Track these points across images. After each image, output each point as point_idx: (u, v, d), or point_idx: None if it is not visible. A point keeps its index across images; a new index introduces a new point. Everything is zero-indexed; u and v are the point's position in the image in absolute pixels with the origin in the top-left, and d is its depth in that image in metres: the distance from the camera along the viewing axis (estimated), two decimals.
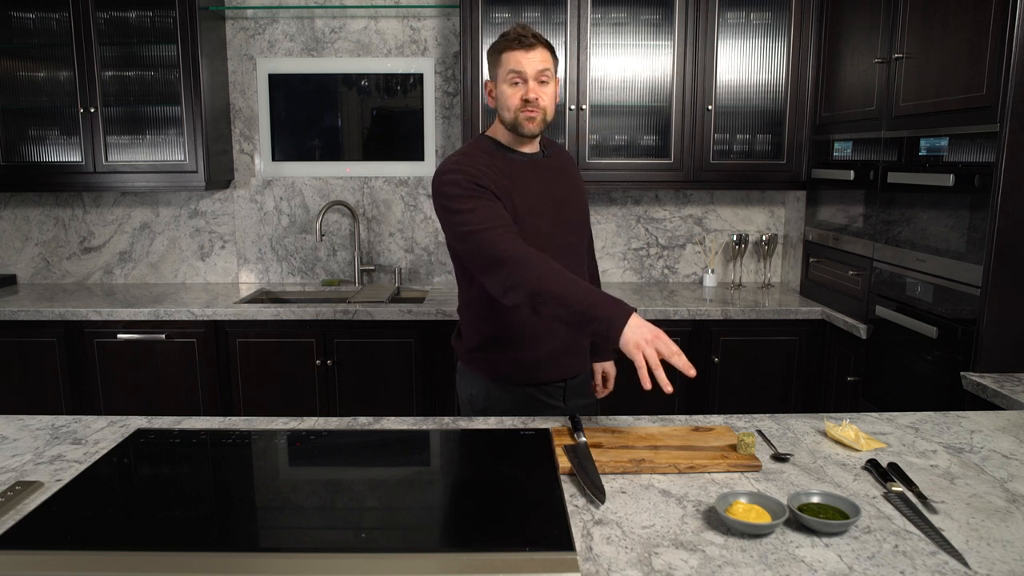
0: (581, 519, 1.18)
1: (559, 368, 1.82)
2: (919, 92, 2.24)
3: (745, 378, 2.92)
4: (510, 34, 1.71)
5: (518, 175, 1.73)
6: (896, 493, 1.24)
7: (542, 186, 1.76)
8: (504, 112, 1.72)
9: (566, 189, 1.83)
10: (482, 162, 1.70)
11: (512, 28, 1.72)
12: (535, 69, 1.69)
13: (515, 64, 1.68)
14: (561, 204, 1.79)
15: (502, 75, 1.71)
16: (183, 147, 3.08)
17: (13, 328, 2.88)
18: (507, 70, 1.69)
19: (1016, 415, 1.67)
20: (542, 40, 1.72)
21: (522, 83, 1.69)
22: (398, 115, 3.36)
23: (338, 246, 3.45)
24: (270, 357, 2.90)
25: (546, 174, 1.80)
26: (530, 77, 1.68)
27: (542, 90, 1.70)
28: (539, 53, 1.70)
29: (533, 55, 1.69)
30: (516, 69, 1.68)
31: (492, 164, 1.71)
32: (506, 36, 1.72)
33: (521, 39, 1.69)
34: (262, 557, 1.03)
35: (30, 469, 1.35)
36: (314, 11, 3.27)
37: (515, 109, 1.70)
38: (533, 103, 1.68)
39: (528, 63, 1.68)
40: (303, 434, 1.52)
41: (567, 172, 1.87)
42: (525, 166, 1.76)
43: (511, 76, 1.69)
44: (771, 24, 3.03)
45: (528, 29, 1.71)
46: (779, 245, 3.44)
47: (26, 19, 3.08)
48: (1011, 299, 1.96)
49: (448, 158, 1.74)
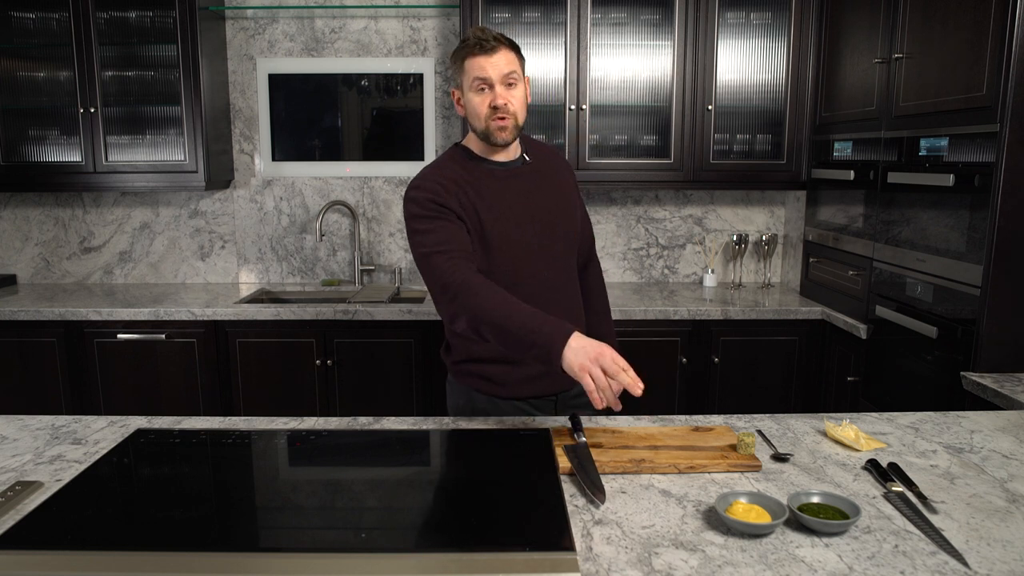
0: (581, 519, 1.18)
1: (551, 383, 1.76)
2: (919, 92, 2.24)
3: (745, 378, 2.92)
4: (470, 39, 1.62)
5: (489, 187, 1.67)
6: (896, 493, 1.24)
7: (520, 195, 1.70)
8: (474, 121, 1.65)
9: (551, 196, 1.75)
10: (450, 176, 1.66)
11: (471, 31, 1.63)
12: (500, 73, 1.61)
13: (479, 71, 1.61)
14: (544, 212, 1.72)
15: (467, 83, 1.63)
16: (183, 147, 3.08)
17: (13, 328, 2.88)
18: (472, 77, 1.62)
19: (1016, 415, 1.67)
20: (504, 41, 1.63)
21: (488, 89, 1.62)
22: (398, 115, 3.36)
23: (338, 246, 3.45)
24: (270, 357, 2.90)
25: (526, 182, 1.72)
26: (496, 82, 1.61)
27: (510, 94, 1.62)
28: (503, 55, 1.61)
29: (496, 58, 1.60)
30: (480, 76, 1.61)
31: (461, 177, 1.66)
32: (466, 42, 1.63)
33: (482, 43, 1.60)
34: (262, 557, 1.03)
35: (30, 469, 1.35)
36: (314, 11, 3.27)
37: (484, 117, 1.63)
38: (502, 109, 1.61)
39: (492, 68, 1.60)
40: (303, 434, 1.52)
41: (553, 176, 1.79)
42: (499, 176, 1.70)
43: (476, 83, 1.62)
44: (771, 24, 3.03)
45: (488, 31, 1.63)
46: (779, 245, 3.44)
47: (26, 19, 3.08)
48: (1011, 299, 1.96)
49: (419, 172, 1.71)
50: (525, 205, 1.71)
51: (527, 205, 1.71)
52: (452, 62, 1.67)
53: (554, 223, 1.74)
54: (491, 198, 1.67)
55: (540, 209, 1.72)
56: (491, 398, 1.77)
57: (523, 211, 1.70)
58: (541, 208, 1.73)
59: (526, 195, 1.72)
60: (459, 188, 1.65)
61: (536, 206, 1.72)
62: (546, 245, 1.72)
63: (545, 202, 1.74)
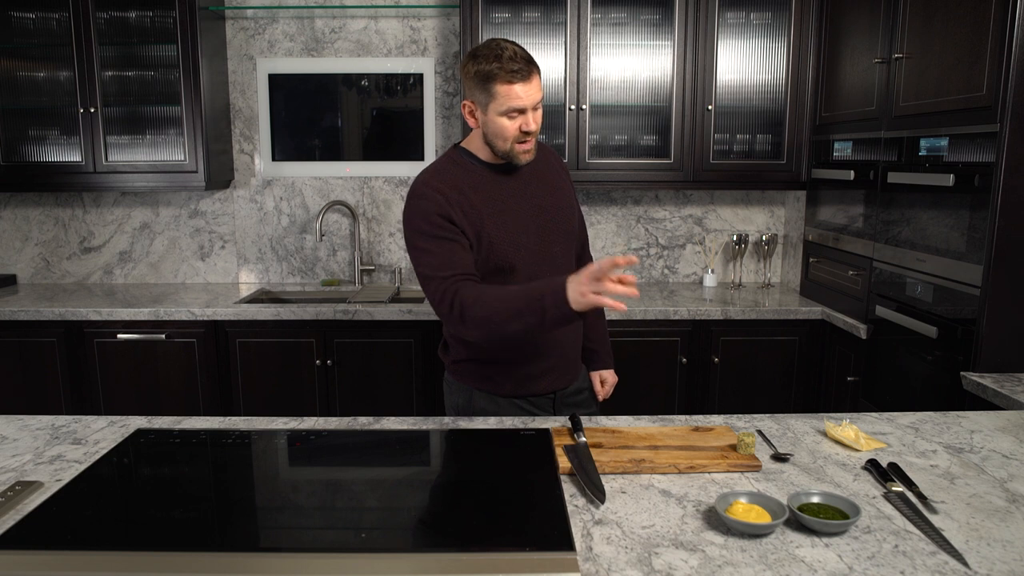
0: (581, 519, 1.18)
1: (549, 381, 1.78)
2: (919, 92, 2.24)
3: (745, 378, 2.92)
4: (503, 61, 1.53)
5: (490, 189, 1.67)
6: (896, 493, 1.24)
7: (519, 196, 1.70)
8: (498, 142, 1.61)
9: (549, 195, 1.75)
10: (451, 182, 1.64)
11: (499, 49, 1.55)
12: (534, 100, 1.57)
13: (515, 100, 1.54)
14: (542, 212, 1.72)
15: (497, 109, 1.56)
16: (183, 147, 3.08)
17: (13, 328, 2.88)
18: (506, 107, 1.55)
19: (1016, 415, 1.67)
20: (533, 62, 1.58)
21: (520, 115, 1.58)
22: (398, 115, 3.36)
23: (338, 246, 3.45)
24: (270, 357, 2.90)
25: (524, 182, 1.72)
26: (530, 108, 1.57)
27: (537, 116, 1.60)
28: (535, 81, 1.57)
29: (532, 86, 1.56)
30: (517, 107, 1.55)
31: (463, 181, 1.65)
32: (498, 62, 1.53)
33: (518, 71, 1.53)
34: (262, 557, 1.03)
35: (30, 469, 1.35)
36: (314, 11, 3.27)
37: (512, 140, 1.60)
38: (531, 133, 1.59)
39: (528, 97, 1.55)
40: (303, 434, 1.52)
41: (549, 175, 1.78)
42: (499, 178, 1.69)
43: (511, 111, 1.56)
44: (771, 24, 3.03)
45: (519, 52, 1.56)
46: (779, 245, 3.44)
47: (26, 19, 3.08)
48: (1011, 299, 1.96)
49: (420, 176, 1.68)
50: (524, 206, 1.71)
51: (526, 205, 1.71)
52: (476, 80, 1.57)
53: (552, 221, 1.74)
54: (492, 201, 1.67)
55: (538, 209, 1.73)
56: (491, 396, 1.77)
57: (523, 212, 1.70)
58: (539, 208, 1.73)
59: (525, 195, 1.72)
60: (461, 194, 1.63)
61: (534, 206, 1.72)
62: (546, 244, 1.73)
63: (543, 201, 1.74)
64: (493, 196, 1.67)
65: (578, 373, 1.88)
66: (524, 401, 1.78)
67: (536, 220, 1.71)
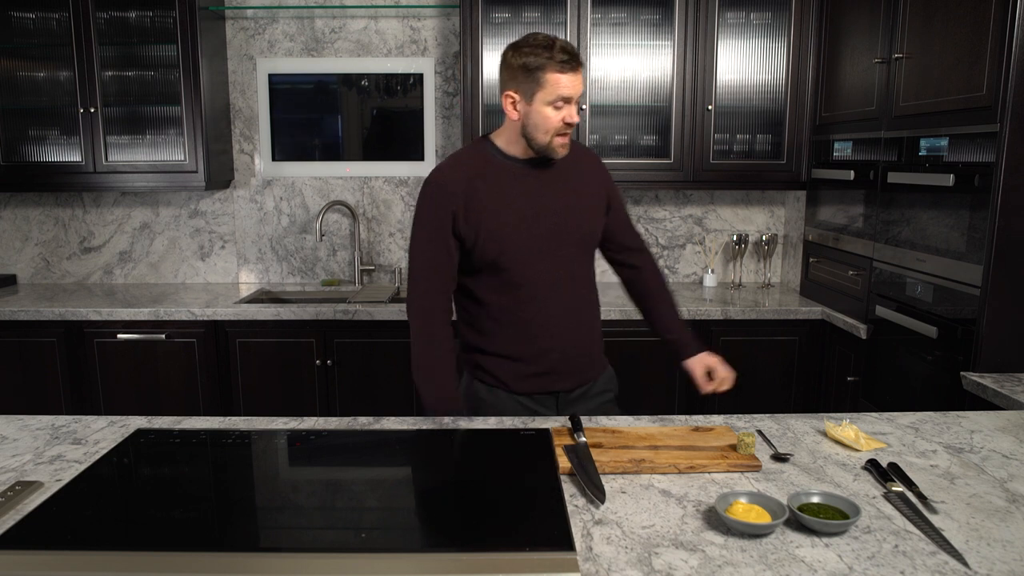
0: (581, 519, 1.18)
1: (550, 381, 1.77)
2: (919, 92, 2.24)
3: (745, 378, 2.90)
4: (553, 51, 1.58)
5: (502, 184, 1.68)
6: (896, 493, 1.24)
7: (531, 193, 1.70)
8: (537, 134, 1.63)
9: (567, 195, 1.73)
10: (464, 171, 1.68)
11: (547, 40, 1.60)
12: (579, 92, 1.62)
13: (565, 88, 1.59)
14: (555, 214, 1.71)
15: (544, 98, 1.60)
16: (183, 147, 3.08)
17: (13, 328, 2.88)
18: (555, 95, 1.59)
19: (1016, 415, 1.67)
20: (578, 56, 1.62)
21: (565, 105, 1.61)
22: (398, 115, 3.36)
23: (338, 246, 3.45)
24: (270, 357, 2.90)
25: (542, 180, 1.71)
26: (574, 101, 1.62)
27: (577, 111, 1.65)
28: (580, 73, 1.61)
29: (577, 78, 1.61)
30: (565, 95, 1.59)
31: (477, 172, 1.68)
32: (549, 52, 1.58)
33: (567, 62, 1.58)
34: (262, 557, 1.03)
35: (30, 469, 1.35)
36: (314, 11, 3.27)
37: (553, 132, 1.63)
38: (571, 126, 1.64)
39: (575, 87, 1.60)
40: (303, 434, 1.52)
41: (575, 175, 1.76)
42: (516, 173, 1.70)
43: (558, 100, 1.60)
44: (771, 24, 3.03)
45: (568, 45, 1.60)
46: (779, 245, 3.44)
47: (26, 19, 3.08)
48: (1011, 299, 1.96)
49: (444, 160, 1.75)
50: (535, 203, 1.70)
51: (538, 203, 1.70)
52: (523, 69, 1.60)
53: (565, 223, 1.72)
54: (500, 196, 1.68)
55: (551, 208, 1.71)
56: (491, 388, 1.78)
57: (532, 209, 1.69)
58: (551, 208, 1.71)
59: (538, 195, 1.71)
60: (468, 186, 1.66)
61: (545, 206, 1.71)
62: (553, 245, 1.71)
63: (558, 203, 1.72)
64: (503, 191, 1.68)
65: (588, 375, 1.83)
66: (526, 398, 1.77)
67: (544, 220, 1.70)
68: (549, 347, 1.74)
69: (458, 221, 1.66)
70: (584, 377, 1.83)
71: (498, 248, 1.67)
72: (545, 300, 1.73)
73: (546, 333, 1.74)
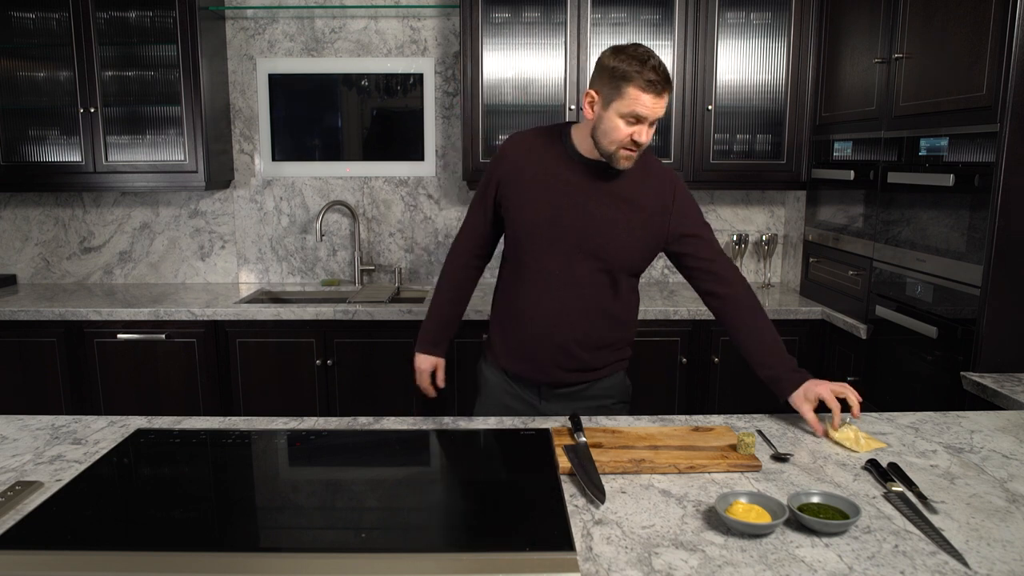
0: (581, 519, 1.18)
1: (534, 369, 1.79)
2: (919, 92, 2.24)
3: (745, 378, 2.91)
4: (645, 68, 1.55)
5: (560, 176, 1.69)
6: (896, 493, 1.24)
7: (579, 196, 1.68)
8: (604, 141, 1.62)
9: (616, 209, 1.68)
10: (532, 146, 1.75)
11: (645, 55, 1.56)
12: (656, 116, 1.60)
13: (641, 107, 1.56)
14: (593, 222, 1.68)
15: (619, 108, 1.58)
16: (183, 147, 3.08)
17: (13, 328, 2.88)
18: (629, 110, 1.57)
19: (1016, 415, 1.67)
20: (670, 82, 1.59)
21: (637, 123, 1.59)
22: (398, 115, 3.36)
23: (338, 246, 3.45)
24: (270, 357, 2.90)
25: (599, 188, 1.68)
26: (648, 122, 1.60)
27: (650, 132, 1.62)
28: (666, 99, 1.59)
29: (660, 102, 1.58)
30: (639, 114, 1.57)
31: (537, 151, 1.73)
32: (640, 68, 1.55)
33: (656, 83, 1.55)
34: (262, 557, 1.03)
35: (30, 469, 1.35)
36: (314, 11, 3.27)
37: (619, 145, 1.61)
38: (640, 145, 1.61)
39: (653, 110, 1.58)
40: (303, 434, 1.52)
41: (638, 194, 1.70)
42: (575, 170, 1.69)
43: (630, 116, 1.58)
44: (771, 24, 3.03)
45: (662, 67, 1.56)
46: (779, 245, 3.44)
47: (26, 19, 3.08)
48: (1011, 299, 1.96)
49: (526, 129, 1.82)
50: (576, 203, 1.68)
51: (578, 204, 1.68)
52: (612, 74, 1.57)
53: (596, 234, 1.68)
54: (544, 182, 1.70)
55: (591, 215, 1.68)
56: (489, 364, 1.87)
57: (569, 208, 1.68)
58: (592, 214, 1.68)
59: (584, 195, 1.68)
60: (525, 161, 1.73)
61: (588, 210, 1.68)
62: (576, 250, 1.69)
63: (601, 211, 1.68)
64: (549, 179, 1.70)
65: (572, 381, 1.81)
66: (510, 381, 1.84)
67: (576, 223, 1.68)
68: (533, 341, 1.76)
69: (500, 189, 1.76)
70: (569, 379, 1.80)
71: (521, 230, 1.73)
72: (548, 297, 1.73)
73: (535, 327, 1.75)
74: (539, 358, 1.77)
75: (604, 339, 1.79)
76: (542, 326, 1.74)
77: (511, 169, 1.74)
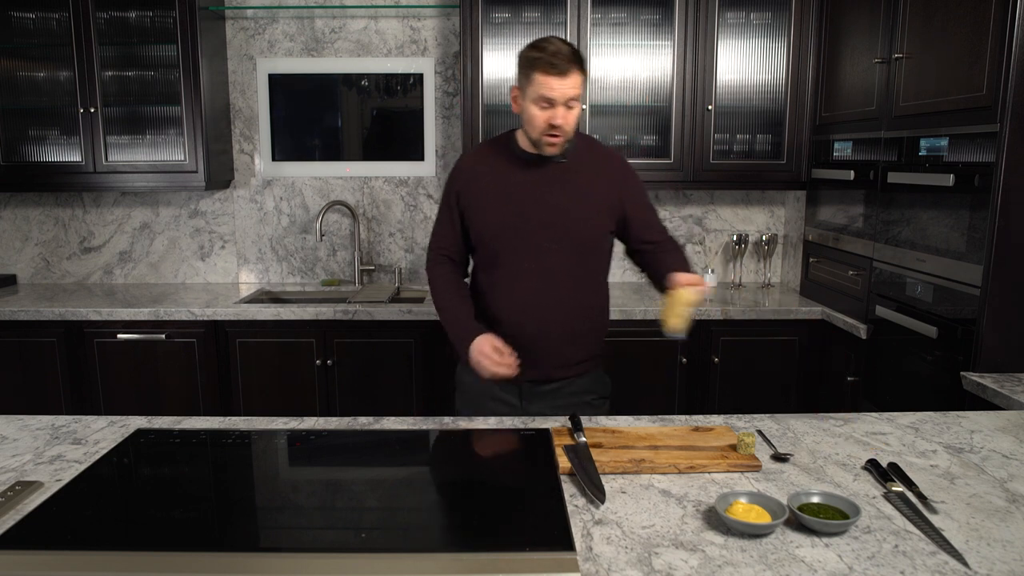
0: (581, 519, 1.18)
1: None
2: (919, 92, 2.24)
3: (745, 378, 2.92)
4: (546, 53, 1.63)
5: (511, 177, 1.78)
6: (896, 493, 1.24)
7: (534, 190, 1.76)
8: (529, 129, 1.71)
9: (571, 195, 1.76)
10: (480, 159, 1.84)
11: (548, 43, 1.65)
12: (565, 96, 1.65)
13: (547, 90, 1.63)
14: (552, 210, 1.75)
15: (531, 95, 1.66)
16: (183, 147, 3.08)
17: (13, 328, 2.88)
18: (539, 94, 1.64)
19: (1016, 415, 1.67)
20: (577, 62, 1.65)
21: (550, 107, 1.65)
22: (398, 115, 3.36)
23: (338, 246, 3.45)
24: (270, 357, 2.90)
25: (551, 179, 1.76)
26: (559, 103, 1.65)
27: (568, 115, 1.67)
28: (572, 79, 1.64)
29: (566, 82, 1.63)
30: (547, 96, 1.64)
31: (487, 162, 1.81)
32: (542, 53, 1.63)
33: (556, 63, 1.61)
34: (262, 557, 1.03)
35: (30, 469, 1.35)
36: (314, 11, 3.27)
37: (539, 131, 1.69)
38: (558, 128, 1.67)
39: (559, 91, 1.63)
40: (303, 434, 1.52)
41: (585, 178, 1.79)
42: (522, 166, 1.78)
43: (540, 100, 1.65)
44: (771, 24, 3.03)
45: (564, 49, 1.64)
46: (779, 245, 3.44)
47: (26, 19, 3.08)
48: (1011, 299, 1.96)
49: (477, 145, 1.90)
50: (533, 196, 1.76)
51: (535, 197, 1.76)
52: (521, 65, 1.69)
53: (557, 222, 1.76)
54: (502, 187, 1.77)
55: (549, 203, 1.76)
56: (468, 369, 1.84)
57: (528, 201, 1.76)
58: (551, 203, 1.76)
59: (539, 190, 1.76)
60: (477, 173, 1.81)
61: (545, 200, 1.76)
62: (543, 239, 1.76)
63: (558, 200, 1.76)
64: (503, 176, 1.78)
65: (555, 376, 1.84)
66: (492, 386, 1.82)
67: (537, 213, 1.75)
68: (511, 334, 1.77)
69: (461, 201, 1.82)
70: (550, 375, 1.84)
71: (487, 233, 1.78)
72: (520, 289, 1.78)
73: (511, 320, 1.78)
74: (520, 355, 1.78)
75: (579, 328, 1.84)
76: (520, 322, 1.78)
77: (468, 179, 1.82)
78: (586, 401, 1.88)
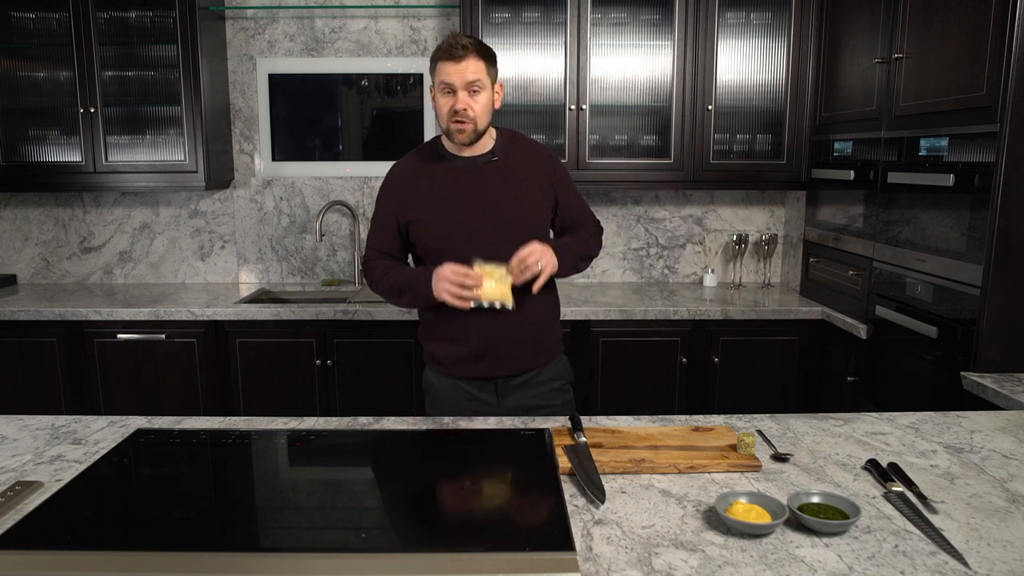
0: (581, 519, 1.18)
1: (486, 366, 1.84)
2: (919, 92, 2.24)
3: (745, 378, 2.92)
4: (444, 45, 1.72)
5: (444, 178, 1.81)
6: (896, 493, 1.24)
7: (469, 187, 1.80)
8: (440, 121, 1.78)
9: (508, 188, 1.82)
10: (407, 167, 1.87)
11: (447, 37, 1.75)
12: (464, 80, 1.71)
13: (445, 76, 1.71)
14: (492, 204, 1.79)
15: (436, 85, 1.75)
16: (183, 147, 3.08)
17: (13, 328, 2.88)
18: (439, 81, 1.73)
19: (1016, 415, 1.67)
20: (474, 49, 1.72)
21: (452, 94, 1.72)
22: (398, 115, 3.36)
23: (338, 246, 3.45)
24: (270, 357, 2.90)
25: (485, 175, 1.81)
26: (459, 88, 1.71)
27: (472, 100, 1.72)
28: (470, 63, 1.71)
29: (463, 66, 1.70)
30: (446, 81, 1.72)
31: (419, 168, 1.85)
32: (442, 47, 1.73)
33: (451, 50, 1.70)
34: (262, 557, 1.03)
35: (30, 469, 1.35)
36: (314, 11, 3.27)
37: (446, 119, 1.74)
38: (462, 114, 1.72)
39: (457, 75, 1.70)
40: (303, 434, 1.52)
41: (519, 172, 1.85)
42: (454, 171, 1.82)
43: (442, 87, 1.73)
44: (771, 24, 3.03)
45: (461, 39, 1.72)
46: (779, 245, 3.44)
47: (26, 19, 3.08)
48: (1011, 299, 1.96)
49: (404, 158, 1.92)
50: (470, 196, 1.80)
51: (473, 196, 1.80)
52: (430, 63, 1.77)
53: (503, 213, 1.80)
54: (437, 188, 1.80)
55: (488, 199, 1.80)
56: (438, 374, 1.88)
57: (465, 201, 1.80)
58: (490, 198, 1.80)
59: (474, 186, 1.80)
60: (411, 179, 1.84)
61: (484, 196, 1.80)
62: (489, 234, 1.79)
63: (496, 194, 1.81)
64: (440, 184, 1.81)
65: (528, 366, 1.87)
66: (466, 383, 1.86)
67: (479, 210, 1.79)
68: (480, 331, 1.79)
69: (401, 217, 1.84)
70: (524, 364, 1.87)
71: (435, 241, 1.80)
72: None
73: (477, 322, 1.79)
74: (492, 351, 1.82)
75: (542, 312, 1.88)
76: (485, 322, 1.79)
77: (406, 196, 1.84)
78: (556, 387, 1.93)
